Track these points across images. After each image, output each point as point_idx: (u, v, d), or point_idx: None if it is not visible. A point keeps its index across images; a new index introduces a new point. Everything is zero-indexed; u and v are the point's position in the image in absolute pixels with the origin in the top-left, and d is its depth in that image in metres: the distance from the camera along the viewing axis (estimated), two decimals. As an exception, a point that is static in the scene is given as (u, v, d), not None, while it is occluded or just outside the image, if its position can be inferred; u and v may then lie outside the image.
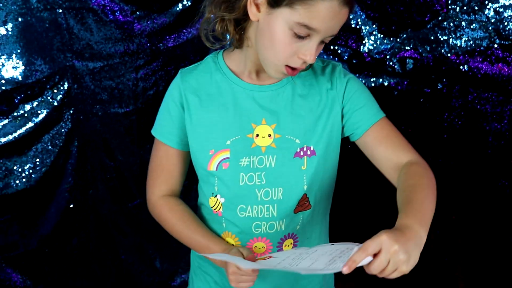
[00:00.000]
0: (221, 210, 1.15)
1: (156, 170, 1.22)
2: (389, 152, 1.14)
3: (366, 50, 2.03)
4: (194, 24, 1.16)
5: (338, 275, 1.13)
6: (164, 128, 1.18)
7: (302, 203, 1.18)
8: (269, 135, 1.14)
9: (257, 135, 1.14)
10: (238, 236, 1.15)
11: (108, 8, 1.91)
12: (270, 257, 1.04)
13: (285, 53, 1.01)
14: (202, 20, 1.10)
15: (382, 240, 0.80)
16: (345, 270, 0.81)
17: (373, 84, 2.04)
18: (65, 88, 1.96)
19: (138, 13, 1.94)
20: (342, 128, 1.18)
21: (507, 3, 1.84)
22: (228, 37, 1.11)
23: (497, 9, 1.87)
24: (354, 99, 1.18)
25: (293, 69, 1.04)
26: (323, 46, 1.04)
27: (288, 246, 1.19)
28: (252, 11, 1.02)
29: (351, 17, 1.97)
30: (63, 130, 2.00)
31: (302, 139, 1.15)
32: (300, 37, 0.99)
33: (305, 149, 1.16)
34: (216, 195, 1.17)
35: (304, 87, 1.16)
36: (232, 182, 1.14)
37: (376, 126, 1.16)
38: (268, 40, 1.02)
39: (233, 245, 1.17)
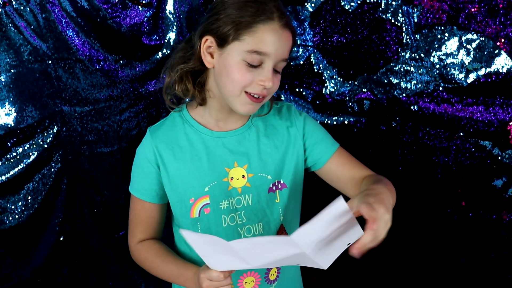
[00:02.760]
0: None
1: (134, 222, 1.21)
2: (353, 172, 1.19)
3: (328, 92, 2.10)
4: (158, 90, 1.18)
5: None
6: (139, 185, 1.17)
7: (280, 233, 1.20)
8: (243, 176, 1.15)
9: (232, 178, 1.14)
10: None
11: (94, 58, 1.97)
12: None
13: (244, 82, 1.03)
14: (163, 86, 1.13)
15: (381, 213, 0.81)
16: (357, 254, 0.81)
17: (334, 122, 2.11)
18: (55, 131, 1.99)
19: (121, 61, 2.00)
20: (305, 160, 1.21)
21: (448, 52, 1.96)
22: (187, 95, 1.11)
23: (440, 56, 1.98)
24: (313, 134, 1.22)
25: (256, 98, 1.05)
26: (279, 76, 1.06)
27: (273, 275, 1.20)
28: (206, 59, 1.06)
29: (313, 62, 2.05)
30: (53, 170, 2.02)
31: (273, 175, 1.17)
32: (253, 66, 1.01)
33: (276, 183, 1.18)
34: None
35: (267, 127, 1.18)
36: (216, 225, 1.15)
37: (337, 154, 1.21)
38: (226, 76, 1.04)
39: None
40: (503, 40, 1.91)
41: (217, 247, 0.89)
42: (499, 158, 1.99)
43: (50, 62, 1.95)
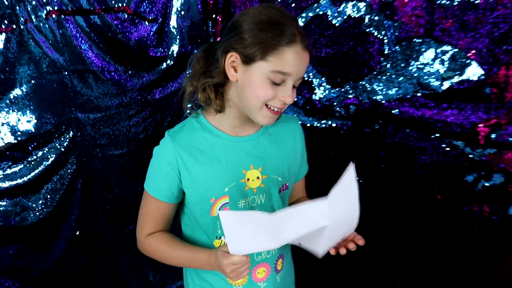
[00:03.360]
0: None
1: (146, 217, 1.23)
2: (301, 193, 1.35)
3: (317, 98, 2.12)
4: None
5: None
6: (156, 185, 1.19)
7: None
8: (258, 177, 1.18)
9: (248, 179, 1.17)
10: None
11: (105, 69, 1.98)
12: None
13: (266, 97, 1.06)
14: (185, 95, 1.16)
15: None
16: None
17: (323, 125, 2.12)
18: (70, 136, 2.00)
19: (130, 72, 2.01)
20: None
21: (425, 62, 1.96)
22: (209, 103, 1.15)
23: (418, 66, 1.98)
24: (303, 152, 1.32)
25: (276, 111, 1.09)
26: (295, 91, 1.10)
27: (279, 265, 1.26)
28: (230, 73, 1.08)
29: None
30: (69, 171, 2.04)
31: (283, 177, 1.23)
32: (276, 83, 1.05)
33: (284, 185, 1.25)
34: (220, 237, 1.20)
35: (277, 134, 1.23)
36: None
37: (304, 176, 1.34)
38: (250, 92, 1.06)
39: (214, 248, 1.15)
40: (473, 52, 1.95)
41: (254, 224, 0.91)
42: (470, 156, 2.01)
43: (66, 73, 1.96)
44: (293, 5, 2.00)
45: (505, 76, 1.93)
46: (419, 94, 2.01)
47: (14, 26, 1.85)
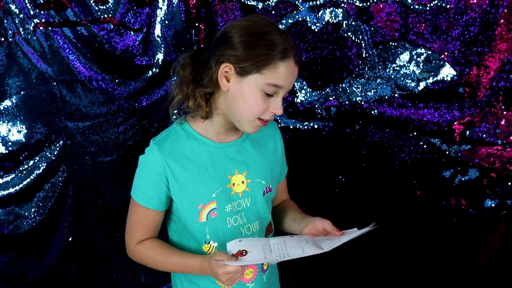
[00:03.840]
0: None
1: (135, 226, 1.19)
2: (283, 195, 1.37)
3: (299, 101, 2.13)
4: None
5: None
6: (145, 194, 1.15)
7: (269, 228, 1.27)
8: (242, 182, 1.18)
9: (233, 184, 1.16)
10: None
11: (93, 78, 1.98)
12: (244, 251, 1.02)
13: (259, 110, 1.06)
14: (173, 102, 1.13)
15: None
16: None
17: (305, 127, 2.12)
18: (61, 144, 2.01)
19: (117, 80, 2.02)
20: None
21: (401, 64, 2.03)
22: (198, 110, 1.13)
23: (395, 68, 2.03)
24: (282, 153, 1.32)
25: (265, 121, 1.09)
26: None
27: (265, 264, 1.26)
28: (223, 83, 1.06)
29: None
30: (60, 179, 2.05)
31: (266, 180, 1.22)
32: (269, 95, 1.05)
33: (267, 188, 1.24)
34: (209, 242, 1.18)
35: (259, 138, 1.22)
36: (222, 227, 1.16)
37: (285, 178, 1.35)
38: (242, 103, 1.05)
39: (206, 254, 1.15)
40: (446, 53, 2.00)
41: (254, 247, 0.99)
42: (447, 153, 2.06)
43: (54, 83, 1.98)
44: (273, 12, 2.02)
45: (477, 76, 2.01)
46: (396, 95, 2.07)
47: (3, 39, 1.87)
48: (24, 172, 2.00)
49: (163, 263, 1.17)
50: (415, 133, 2.09)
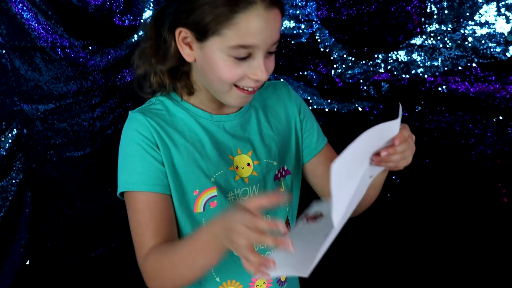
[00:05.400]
0: None
1: (141, 227, 1.07)
2: None
3: (337, 75, 2.05)
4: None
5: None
6: (140, 175, 1.06)
7: (287, 227, 1.21)
8: (248, 164, 1.14)
9: (237, 167, 1.13)
10: (239, 280, 1.08)
11: (57, 44, 1.90)
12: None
13: (234, 78, 1.00)
14: (135, 81, 1.10)
15: (407, 128, 0.92)
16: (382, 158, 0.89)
17: (346, 110, 2.06)
18: (14, 135, 1.93)
19: (90, 48, 1.93)
20: None
21: (483, 21, 1.88)
22: (164, 90, 1.10)
23: (473, 27, 1.90)
24: (308, 121, 1.24)
25: (249, 90, 1.04)
26: (273, 58, 1.04)
27: (283, 276, 1.20)
28: (185, 52, 1.02)
29: (319, 40, 2.02)
30: (14, 181, 1.96)
31: (278, 161, 1.17)
32: (242, 58, 0.98)
33: (281, 170, 1.18)
34: None
35: (265, 108, 1.19)
36: None
37: (327, 147, 1.26)
38: (212, 73, 1.01)
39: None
40: None
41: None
42: None
43: (4, 51, 1.87)
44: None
45: None
46: (474, 65, 1.96)
47: None
48: (-37, 171, 1.90)
49: (175, 259, 1.01)
50: (500, 118, 1.96)
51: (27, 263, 1.99)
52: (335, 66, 2.04)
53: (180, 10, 1.00)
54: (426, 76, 1.98)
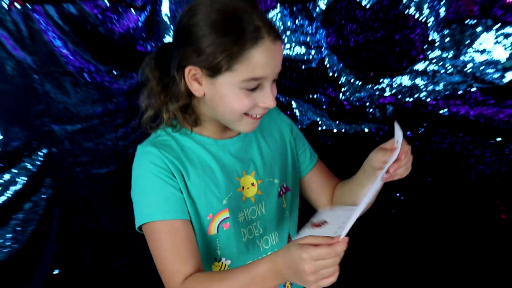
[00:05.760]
0: None
1: (170, 255, 1.05)
2: (329, 181, 1.28)
3: (345, 98, 2.06)
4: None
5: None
6: (157, 205, 1.05)
7: (289, 240, 1.22)
8: (253, 184, 1.15)
9: (243, 188, 1.13)
10: None
11: (84, 70, 1.96)
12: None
13: (246, 108, 1.02)
14: (143, 120, 1.10)
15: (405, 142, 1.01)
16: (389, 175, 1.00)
17: (353, 131, 2.07)
18: (44, 153, 1.97)
19: (114, 72, 1.99)
20: None
21: (481, 48, 1.88)
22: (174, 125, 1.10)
23: (472, 54, 1.90)
24: (299, 140, 1.28)
25: (258, 117, 1.06)
26: (275, 84, 1.06)
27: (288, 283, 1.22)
28: (194, 88, 1.03)
29: (327, 65, 2.04)
30: (43, 197, 1.99)
31: (279, 179, 1.19)
32: (252, 89, 1.00)
33: (282, 188, 1.20)
34: (220, 259, 1.12)
35: (262, 129, 1.20)
36: (237, 240, 1.11)
37: (319, 163, 1.29)
38: (224, 105, 1.02)
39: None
40: None
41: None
42: None
43: (36, 76, 1.92)
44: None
45: None
46: (474, 89, 1.93)
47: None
48: (-3, 188, 1.94)
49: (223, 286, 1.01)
50: (498, 139, 1.93)
51: (55, 273, 2.03)
52: (343, 90, 2.05)
53: (188, 50, 1.01)
54: (428, 99, 1.99)
